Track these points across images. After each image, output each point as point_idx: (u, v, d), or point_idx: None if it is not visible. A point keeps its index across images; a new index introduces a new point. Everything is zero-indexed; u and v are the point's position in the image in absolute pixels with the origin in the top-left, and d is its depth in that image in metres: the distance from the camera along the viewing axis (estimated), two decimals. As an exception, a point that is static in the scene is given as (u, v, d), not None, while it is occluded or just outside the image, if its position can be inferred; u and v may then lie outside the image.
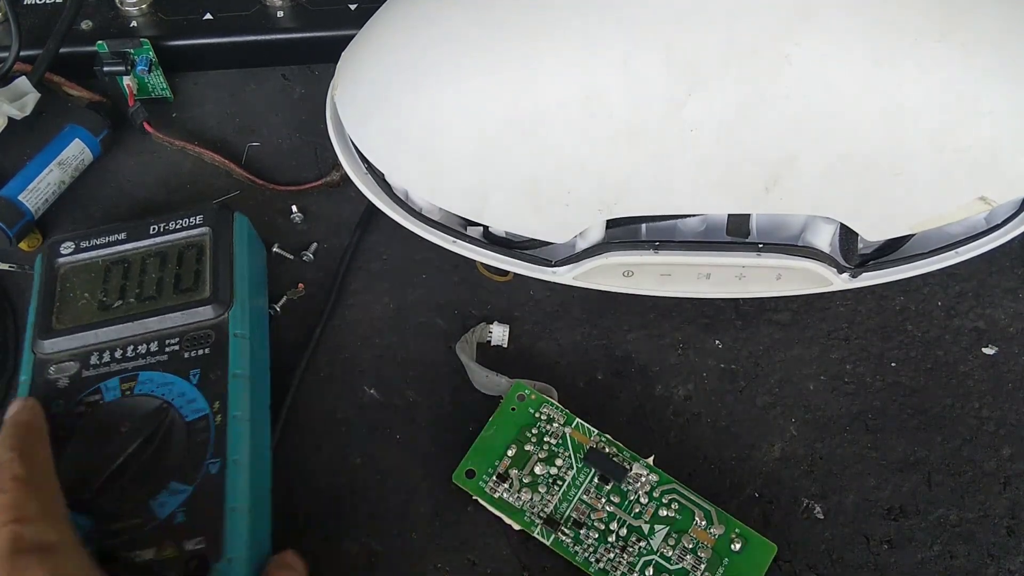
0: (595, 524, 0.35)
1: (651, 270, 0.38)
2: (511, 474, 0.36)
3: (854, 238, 0.38)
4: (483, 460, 0.36)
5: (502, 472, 0.36)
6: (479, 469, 0.36)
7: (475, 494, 0.36)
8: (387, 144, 0.38)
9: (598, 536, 0.35)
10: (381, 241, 0.45)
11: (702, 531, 0.35)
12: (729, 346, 0.42)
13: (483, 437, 0.37)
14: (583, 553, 0.34)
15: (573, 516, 0.35)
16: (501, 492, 0.35)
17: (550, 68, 0.34)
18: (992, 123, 0.33)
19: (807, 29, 0.32)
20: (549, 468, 0.36)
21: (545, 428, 0.37)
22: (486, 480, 0.36)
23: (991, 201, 0.35)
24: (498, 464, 0.36)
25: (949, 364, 0.41)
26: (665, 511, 0.35)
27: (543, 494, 0.35)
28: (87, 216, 0.46)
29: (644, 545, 0.34)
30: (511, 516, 0.35)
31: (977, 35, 0.33)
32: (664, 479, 0.36)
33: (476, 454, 0.36)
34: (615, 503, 0.35)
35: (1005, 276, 0.43)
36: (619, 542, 0.34)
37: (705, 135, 0.33)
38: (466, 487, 0.36)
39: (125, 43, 0.48)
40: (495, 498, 0.35)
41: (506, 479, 0.36)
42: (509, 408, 0.37)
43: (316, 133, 0.48)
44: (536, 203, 0.36)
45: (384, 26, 0.39)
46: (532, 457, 0.36)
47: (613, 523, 0.35)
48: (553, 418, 0.37)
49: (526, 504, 0.35)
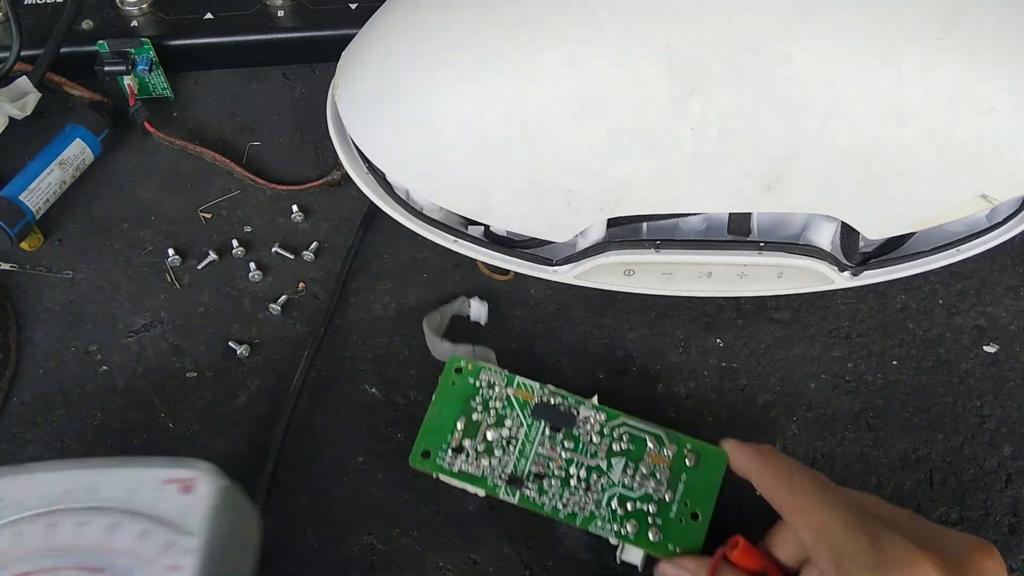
0: (555, 472, 0.36)
1: (652, 269, 0.38)
2: (465, 445, 0.36)
3: (855, 236, 0.37)
4: (435, 438, 0.36)
5: (456, 446, 0.36)
6: (433, 448, 0.36)
7: (435, 472, 0.36)
8: (388, 143, 0.38)
9: (560, 483, 0.35)
10: (382, 240, 0.45)
11: (656, 455, 0.36)
12: (730, 345, 0.42)
13: (430, 416, 0.37)
14: (550, 503, 0.35)
15: (533, 470, 0.36)
16: (460, 464, 0.36)
17: (551, 67, 0.34)
18: (993, 121, 0.33)
19: (808, 27, 0.32)
20: (500, 431, 0.36)
21: (488, 394, 0.37)
22: (443, 456, 0.36)
23: (992, 199, 0.35)
24: (451, 439, 0.36)
25: (950, 362, 0.41)
26: (618, 445, 0.36)
27: (500, 456, 0.36)
28: (88, 216, 0.46)
29: (605, 481, 0.35)
30: (475, 484, 0.36)
31: (978, 32, 0.33)
32: (612, 415, 0.37)
33: (427, 433, 0.36)
34: (570, 448, 0.36)
35: (1006, 274, 0.43)
36: (581, 484, 0.35)
37: (706, 134, 0.33)
38: (424, 468, 0.36)
39: (126, 43, 0.48)
40: (455, 472, 0.36)
41: (461, 451, 0.36)
42: (449, 383, 0.37)
43: (317, 132, 0.48)
44: (537, 202, 0.36)
45: (385, 25, 0.39)
46: (482, 424, 0.37)
47: (572, 467, 0.36)
48: (494, 382, 0.37)
49: (486, 470, 0.36)
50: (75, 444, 0.39)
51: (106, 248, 0.45)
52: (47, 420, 0.40)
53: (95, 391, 0.40)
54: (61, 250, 0.45)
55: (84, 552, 0.32)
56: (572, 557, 0.36)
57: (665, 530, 0.34)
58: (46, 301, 0.43)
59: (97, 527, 0.32)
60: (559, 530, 0.37)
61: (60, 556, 0.32)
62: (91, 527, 0.32)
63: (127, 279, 0.44)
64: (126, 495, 0.33)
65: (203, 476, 0.33)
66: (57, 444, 0.39)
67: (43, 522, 0.32)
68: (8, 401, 0.40)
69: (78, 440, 0.39)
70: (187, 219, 0.46)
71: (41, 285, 0.43)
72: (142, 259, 0.44)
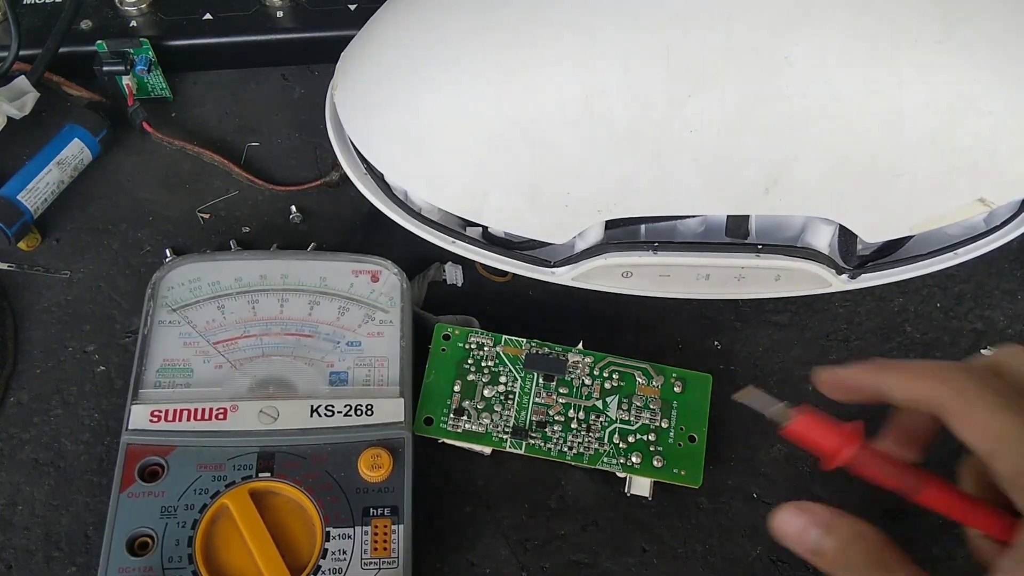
0: (555, 419, 0.37)
1: (650, 271, 0.38)
2: (465, 406, 0.37)
3: (853, 239, 0.38)
4: (435, 404, 0.37)
5: (456, 408, 0.37)
6: (435, 413, 0.37)
7: (441, 436, 0.37)
8: (386, 144, 0.38)
9: (562, 427, 0.37)
10: (380, 241, 0.45)
11: (646, 387, 0.38)
12: (728, 347, 0.42)
13: (427, 384, 0.38)
14: (556, 447, 0.37)
15: (534, 419, 0.37)
16: (463, 425, 0.37)
17: (550, 68, 0.34)
18: (991, 124, 0.33)
19: (807, 30, 0.32)
20: (496, 388, 0.38)
21: (478, 355, 0.38)
22: (445, 420, 0.37)
23: (990, 203, 0.35)
24: (450, 402, 0.37)
25: (948, 366, 0.41)
26: (609, 383, 0.38)
27: (500, 411, 0.37)
28: (86, 216, 0.46)
29: (603, 419, 0.37)
30: (480, 442, 0.37)
31: (977, 36, 0.33)
32: (598, 357, 0.39)
33: (426, 400, 0.38)
34: (564, 394, 0.38)
35: (1004, 278, 0.43)
36: (582, 426, 0.37)
37: (705, 136, 0.33)
38: (429, 434, 0.37)
39: (125, 43, 0.47)
40: (460, 432, 0.37)
41: (463, 412, 0.37)
42: (439, 350, 0.39)
43: (315, 133, 0.48)
44: (535, 203, 0.36)
45: (384, 26, 0.39)
46: (477, 384, 0.38)
47: (570, 411, 0.37)
48: (482, 343, 0.39)
49: (489, 427, 0.37)
50: (73, 444, 0.39)
51: (104, 248, 0.44)
52: (44, 420, 0.39)
53: (93, 391, 0.40)
54: (59, 250, 0.44)
55: (289, 322, 0.39)
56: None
57: (667, 455, 0.37)
58: (44, 301, 0.43)
59: (298, 303, 0.39)
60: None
61: (267, 325, 0.39)
62: (291, 304, 0.39)
63: (125, 279, 0.43)
64: (319, 280, 0.40)
65: (386, 268, 0.40)
66: (55, 444, 0.39)
67: (244, 299, 0.39)
68: (5, 401, 0.40)
69: (75, 440, 0.39)
70: (185, 219, 0.46)
71: (39, 285, 0.43)
72: (140, 259, 0.44)
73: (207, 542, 0.34)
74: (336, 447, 0.35)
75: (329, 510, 0.34)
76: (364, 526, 0.34)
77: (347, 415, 0.36)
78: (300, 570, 0.33)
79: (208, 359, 0.38)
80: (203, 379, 0.37)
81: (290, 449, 0.35)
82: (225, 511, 0.34)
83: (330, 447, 0.35)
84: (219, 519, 0.34)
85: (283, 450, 0.35)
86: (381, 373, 0.38)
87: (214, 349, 0.38)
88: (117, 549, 0.33)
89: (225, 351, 0.38)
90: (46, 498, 0.38)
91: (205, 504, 0.34)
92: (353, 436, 0.36)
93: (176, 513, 0.34)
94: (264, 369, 0.38)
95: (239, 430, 0.35)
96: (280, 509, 0.34)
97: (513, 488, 0.38)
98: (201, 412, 0.36)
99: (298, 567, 0.33)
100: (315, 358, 0.38)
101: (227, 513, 0.34)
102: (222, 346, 0.38)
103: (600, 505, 0.38)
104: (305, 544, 0.34)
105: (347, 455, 0.35)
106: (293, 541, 0.34)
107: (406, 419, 0.36)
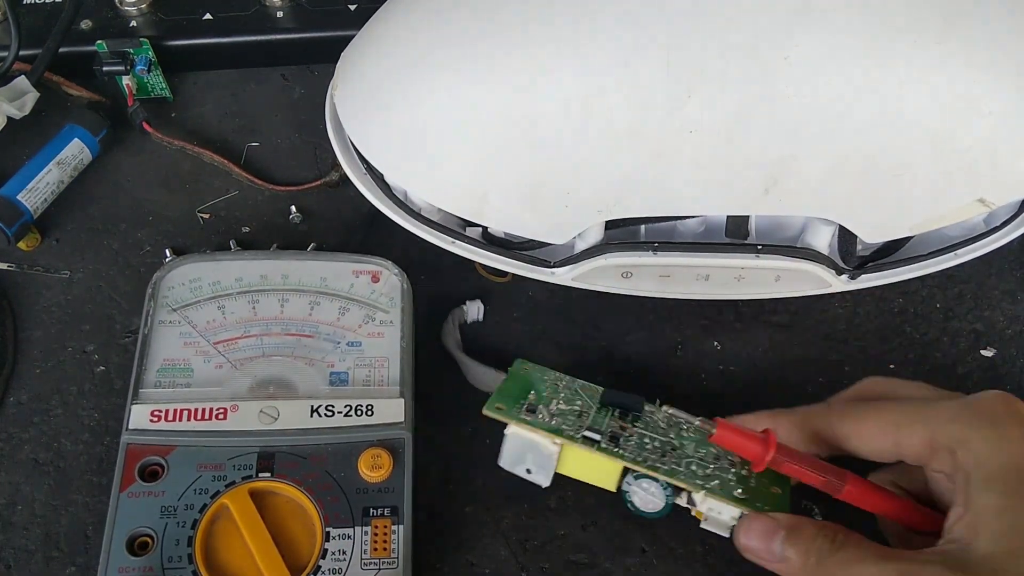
0: (630, 437, 0.34)
1: (650, 271, 0.38)
2: (539, 407, 0.34)
3: (853, 240, 0.38)
4: (508, 400, 0.34)
5: (530, 407, 0.34)
6: (507, 404, 0.34)
7: (510, 420, 0.33)
8: (386, 144, 0.38)
9: (636, 442, 0.34)
10: (380, 241, 0.45)
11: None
12: (728, 348, 0.42)
13: (500, 390, 0.35)
14: (629, 454, 0.33)
15: (609, 432, 0.34)
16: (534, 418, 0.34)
17: (549, 69, 0.34)
18: (991, 125, 0.33)
19: (806, 30, 0.32)
20: (572, 406, 0.35)
21: (556, 385, 0.36)
22: (517, 411, 0.34)
23: (990, 203, 0.35)
24: (523, 403, 0.34)
25: (947, 366, 0.41)
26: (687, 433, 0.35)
27: (574, 420, 0.34)
28: (86, 216, 0.46)
29: (680, 452, 0.34)
30: (552, 432, 0.33)
31: (976, 36, 0.33)
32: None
33: (500, 396, 0.35)
34: (640, 428, 0.35)
35: (1004, 278, 0.43)
36: (656, 451, 0.34)
37: (704, 136, 0.33)
38: (499, 416, 0.33)
39: (124, 43, 0.47)
40: (530, 421, 0.33)
41: (535, 411, 0.34)
42: (519, 371, 0.37)
43: (315, 133, 0.48)
44: (535, 204, 0.36)
45: (384, 26, 0.39)
46: (553, 399, 0.35)
47: (645, 438, 0.34)
48: (560, 378, 0.37)
49: (562, 424, 0.34)
50: (72, 444, 0.39)
51: (104, 248, 0.44)
52: (44, 420, 0.39)
53: (92, 391, 0.40)
54: (59, 250, 0.44)
55: (289, 322, 0.39)
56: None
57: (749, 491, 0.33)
58: (43, 301, 0.43)
59: (298, 303, 0.40)
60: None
61: (267, 325, 0.39)
62: (292, 304, 0.39)
63: (125, 279, 0.43)
64: (319, 281, 0.40)
65: (386, 269, 0.41)
66: (54, 444, 0.39)
67: (244, 299, 0.39)
68: (5, 401, 0.40)
69: (75, 440, 0.39)
70: (185, 219, 0.46)
71: (38, 285, 0.43)
72: (140, 259, 0.44)
73: (207, 542, 0.34)
74: (336, 447, 0.35)
75: (329, 510, 0.34)
76: (364, 526, 0.34)
77: (347, 415, 0.36)
78: (300, 570, 0.33)
79: (208, 359, 0.38)
80: (203, 379, 0.37)
81: (290, 449, 0.35)
82: (225, 511, 0.34)
83: (330, 447, 0.35)
84: (219, 519, 0.34)
85: (283, 450, 0.35)
86: (381, 373, 0.38)
87: (214, 349, 0.38)
88: (117, 549, 0.33)
89: (225, 351, 0.38)
90: (46, 498, 0.38)
91: (205, 504, 0.34)
92: (353, 436, 0.36)
93: (176, 513, 0.34)
94: (264, 369, 0.38)
95: (239, 430, 0.35)
96: (280, 509, 0.34)
97: (513, 488, 0.38)
98: (201, 412, 0.36)
99: (298, 567, 0.33)
100: (315, 358, 0.38)
101: (227, 513, 0.34)
102: (222, 346, 0.38)
103: (600, 505, 0.38)
104: (305, 544, 0.34)
105: (347, 455, 0.35)
106: (293, 541, 0.34)
107: (406, 419, 0.36)
